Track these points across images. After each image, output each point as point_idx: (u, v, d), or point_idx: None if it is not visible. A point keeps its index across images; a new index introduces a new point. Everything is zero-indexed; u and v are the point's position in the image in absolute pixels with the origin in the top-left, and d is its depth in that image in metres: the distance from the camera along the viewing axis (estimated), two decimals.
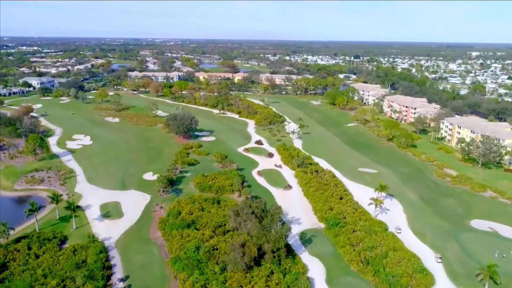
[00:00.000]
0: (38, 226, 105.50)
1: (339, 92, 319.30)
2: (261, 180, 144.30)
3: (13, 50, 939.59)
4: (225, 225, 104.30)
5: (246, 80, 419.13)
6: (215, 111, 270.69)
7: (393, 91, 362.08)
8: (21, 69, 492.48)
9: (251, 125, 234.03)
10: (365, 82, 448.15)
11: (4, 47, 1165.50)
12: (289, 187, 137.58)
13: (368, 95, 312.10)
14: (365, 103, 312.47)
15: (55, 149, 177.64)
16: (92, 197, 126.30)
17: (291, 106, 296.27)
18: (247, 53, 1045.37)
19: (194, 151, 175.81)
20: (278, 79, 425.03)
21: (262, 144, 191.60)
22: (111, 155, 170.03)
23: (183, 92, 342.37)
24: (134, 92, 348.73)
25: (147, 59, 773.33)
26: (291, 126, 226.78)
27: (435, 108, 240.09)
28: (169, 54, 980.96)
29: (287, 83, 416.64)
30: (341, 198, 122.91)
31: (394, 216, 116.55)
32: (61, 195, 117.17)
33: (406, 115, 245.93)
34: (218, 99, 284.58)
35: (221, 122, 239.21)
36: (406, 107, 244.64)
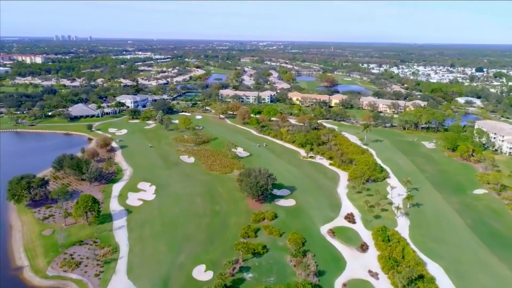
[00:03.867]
0: None
1: (460, 134, 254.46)
2: None
3: (128, 57, 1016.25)
4: None
5: (344, 105, 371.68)
6: (302, 152, 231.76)
7: None
8: (125, 81, 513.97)
9: (343, 180, 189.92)
10: (493, 112, 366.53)
11: (123, 52, 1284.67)
12: None
13: (502, 141, 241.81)
14: (497, 150, 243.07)
15: (113, 204, 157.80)
16: None
17: (396, 150, 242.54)
18: (350, 62, 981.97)
19: (265, 227, 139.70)
20: (382, 104, 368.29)
21: (354, 221, 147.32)
22: (168, 223, 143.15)
23: (272, 119, 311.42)
24: (221, 116, 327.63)
25: (245, 69, 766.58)
26: (394, 185, 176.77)
27: None
28: (268, 63, 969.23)
29: (393, 110, 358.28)
30: None
31: None
32: None
33: None
34: (307, 136, 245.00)
35: (307, 172, 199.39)
36: None
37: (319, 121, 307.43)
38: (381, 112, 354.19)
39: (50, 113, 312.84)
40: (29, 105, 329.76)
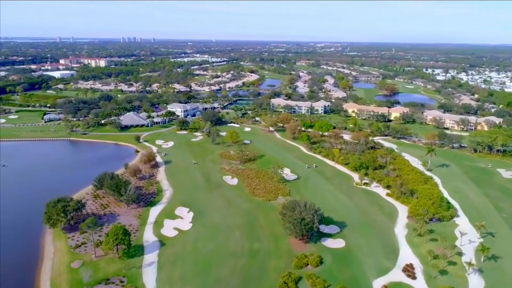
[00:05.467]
0: None
1: None
2: None
3: (186, 60, 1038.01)
4: None
5: (405, 119, 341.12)
6: (356, 177, 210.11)
7: None
8: (179, 86, 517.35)
9: (401, 217, 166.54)
10: None
11: (182, 55, 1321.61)
12: None
13: None
14: None
15: (147, 234, 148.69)
16: None
17: (465, 178, 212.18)
18: (412, 66, 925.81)
19: (308, 276, 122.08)
20: (450, 120, 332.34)
21: (414, 276, 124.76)
22: (200, 262, 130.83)
23: (324, 134, 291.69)
24: (271, 129, 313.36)
25: (300, 74, 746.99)
26: (464, 229, 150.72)
27: None
28: (324, 67, 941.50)
29: (462, 127, 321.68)
30: None
31: None
32: None
33: None
34: (361, 159, 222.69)
35: (360, 204, 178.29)
36: None
37: (376, 138, 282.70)
38: (447, 128, 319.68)
39: (103, 121, 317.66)
40: (85, 112, 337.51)
